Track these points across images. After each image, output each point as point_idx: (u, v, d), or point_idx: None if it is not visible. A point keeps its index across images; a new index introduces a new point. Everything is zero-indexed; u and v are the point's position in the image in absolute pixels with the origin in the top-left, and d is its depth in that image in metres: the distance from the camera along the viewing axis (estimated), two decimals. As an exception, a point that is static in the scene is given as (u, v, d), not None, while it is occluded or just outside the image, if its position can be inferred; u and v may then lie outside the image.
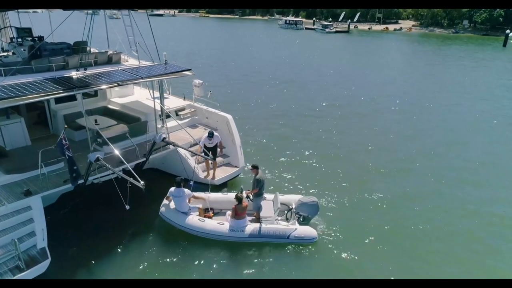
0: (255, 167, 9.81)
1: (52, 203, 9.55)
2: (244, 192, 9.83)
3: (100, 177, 9.41)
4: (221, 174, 11.86)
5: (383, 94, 25.27)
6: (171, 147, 10.80)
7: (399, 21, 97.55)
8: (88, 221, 10.05)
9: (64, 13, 9.92)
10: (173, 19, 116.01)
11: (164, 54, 11.71)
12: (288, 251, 9.03)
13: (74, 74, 9.83)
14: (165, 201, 9.99)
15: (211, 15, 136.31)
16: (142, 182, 7.25)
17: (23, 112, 11.61)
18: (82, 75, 9.78)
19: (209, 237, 9.28)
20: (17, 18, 14.89)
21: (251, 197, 9.79)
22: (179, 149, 11.05)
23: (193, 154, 11.06)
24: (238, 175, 12.30)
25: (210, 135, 11.28)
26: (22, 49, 11.54)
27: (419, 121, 19.51)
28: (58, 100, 11.75)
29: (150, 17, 11.74)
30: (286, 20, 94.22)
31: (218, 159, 12.27)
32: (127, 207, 7.50)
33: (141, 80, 9.96)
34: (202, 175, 11.56)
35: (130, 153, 9.96)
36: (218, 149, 11.81)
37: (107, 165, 7.79)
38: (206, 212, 10.09)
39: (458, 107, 22.39)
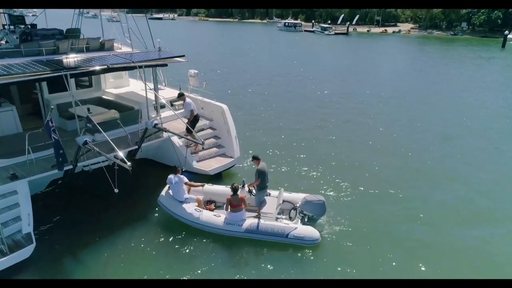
0: (255, 158, 9.46)
1: (41, 190, 9.32)
2: (246, 186, 9.52)
3: (91, 164, 9.20)
4: (216, 164, 11.60)
5: (385, 91, 25.08)
6: (164, 135, 10.56)
7: (398, 23, 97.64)
8: (77, 209, 9.80)
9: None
10: (172, 23, 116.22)
11: (157, 41, 11.50)
12: (287, 251, 8.35)
13: (64, 57, 9.59)
14: (164, 189, 9.70)
15: (210, 19, 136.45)
16: (129, 163, 7.03)
17: (16, 102, 11.41)
18: (72, 59, 9.54)
19: (204, 229, 8.91)
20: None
21: (254, 191, 9.40)
22: (172, 138, 10.83)
23: (185, 139, 10.76)
24: (233, 166, 12.05)
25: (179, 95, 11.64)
26: (14, 37, 11.34)
27: (423, 119, 18.95)
28: (51, 90, 11.54)
29: (149, 20, 11.75)
30: (285, 23, 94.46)
31: (213, 150, 12.05)
32: (116, 190, 7.26)
33: (133, 64, 9.72)
34: (195, 165, 11.32)
35: (122, 141, 9.72)
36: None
37: (96, 148, 7.55)
38: (208, 204, 9.77)
39: (461, 106, 22.11)
